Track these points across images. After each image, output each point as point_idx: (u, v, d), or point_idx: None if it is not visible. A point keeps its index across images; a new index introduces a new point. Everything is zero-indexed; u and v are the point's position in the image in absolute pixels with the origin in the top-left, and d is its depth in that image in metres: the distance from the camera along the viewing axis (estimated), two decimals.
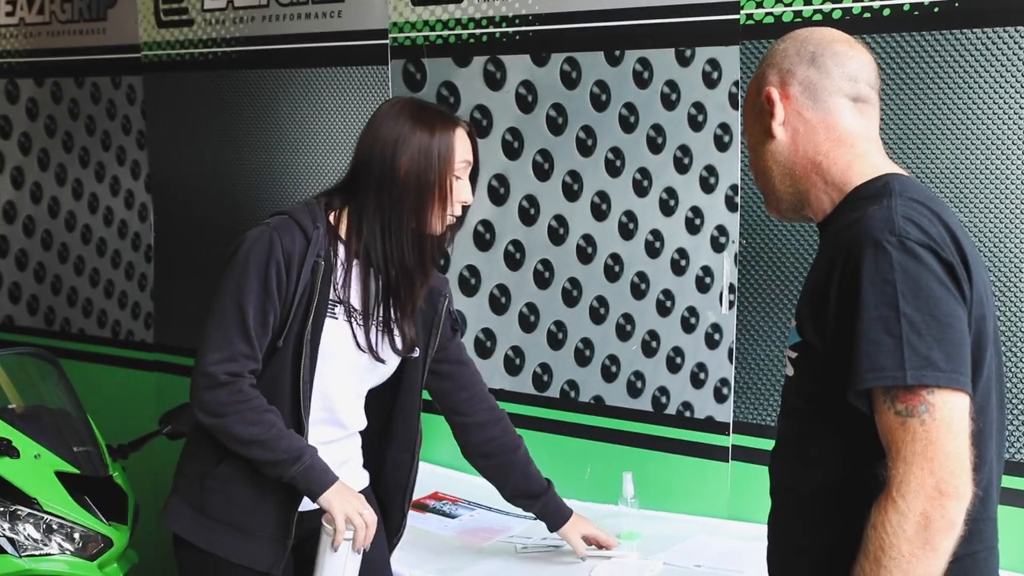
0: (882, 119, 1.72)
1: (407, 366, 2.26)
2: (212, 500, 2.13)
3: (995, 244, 2.33)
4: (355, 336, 2.15)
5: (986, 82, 2.32)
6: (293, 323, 2.08)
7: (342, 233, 2.13)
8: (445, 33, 3.02)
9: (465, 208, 2.16)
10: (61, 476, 2.56)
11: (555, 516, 2.42)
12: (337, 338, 2.13)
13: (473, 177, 2.17)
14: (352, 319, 2.14)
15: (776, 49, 1.67)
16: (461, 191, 2.13)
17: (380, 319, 2.17)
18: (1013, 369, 2.33)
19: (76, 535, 2.51)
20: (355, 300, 2.15)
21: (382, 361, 2.19)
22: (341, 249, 2.13)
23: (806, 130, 1.62)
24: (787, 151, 1.64)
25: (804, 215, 1.68)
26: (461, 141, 2.12)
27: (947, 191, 2.35)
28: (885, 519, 1.41)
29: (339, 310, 2.13)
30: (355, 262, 2.14)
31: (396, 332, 2.19)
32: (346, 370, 2.17)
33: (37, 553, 2.46)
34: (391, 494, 2.33)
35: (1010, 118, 2.31)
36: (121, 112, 3.71)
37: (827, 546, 1.55)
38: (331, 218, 2.14)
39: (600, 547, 2.43)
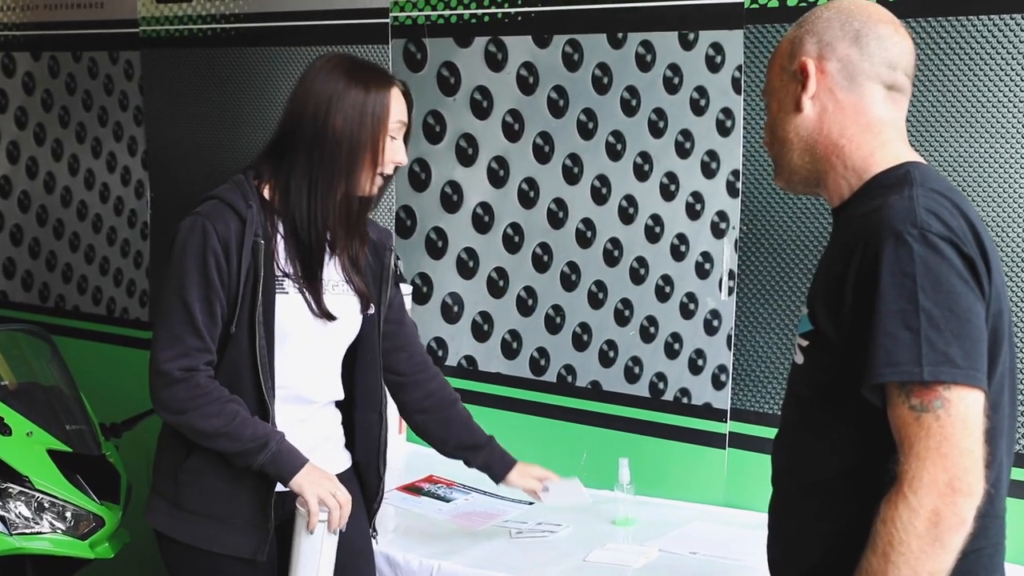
0: None
1: (363, 325, 2.23)
2: (186, 493, 2.12)
3: (1005, 236, 2.31)
4: (309, 304, 2.11)
5: (993, 71, 2.30)
6: (243, 307, 2.05)
7: (276, 203, 2.10)
8: (447, 13, 2.99)
9: (396, 169, 2.12)
10: (53, 454, 2.54)
11: (499, 465, 2.36)
12: (292, 312, 2.10)
13: (406, 138, 2.13)
14: (302, 289, 2.11)
15: (818, 16, 1.61)
16: (395, 151, 2.09)
17: (323, 280, 2.13)
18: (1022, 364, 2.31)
19: (68, 514, 2.50)
20: (297, 267, 2.11)
21: (335, 318, 2.14)
22: (278, 221, 2.09)
23: (835, 110, 1.58)
24: (812, 127, 1.60)
25: (814, 191, 1.65)
26: (396, 101, 2.09)
27: (964, 181, 2.33)
28: (895, 514, 1.39)
29: (287, 283, 2.10)
30: (285, 226, 2.10)
31: (351, 291, 2.16)
32: (306, 343, 2.14)
33: (28, 531, 2.44)
34: (365, 459, 2.29)
35: (1019, 107, 2.28)
36: (118, 88, 3.68)
37: (831, 536, 1.53)
38: (264, 192, 2.10)
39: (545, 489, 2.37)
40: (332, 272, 2.17)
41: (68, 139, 3.83)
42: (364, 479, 2.30)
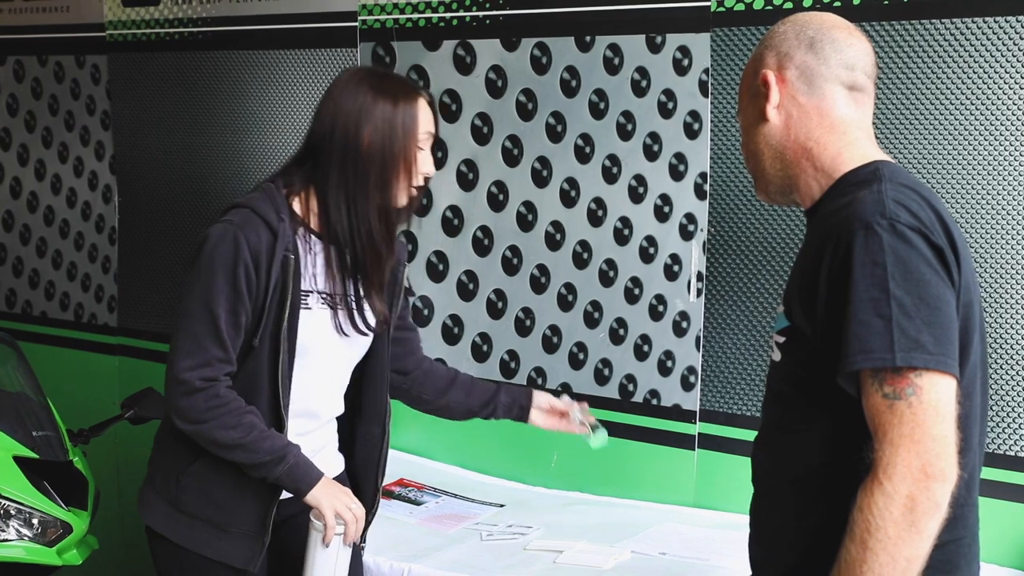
0: None
1: (374, 338, 2.23)
2: (187, 497, 2.10)
3: (979, 233, 2.33)
4: (332, 322, 2.11)
5: (965, 72, 2.33)
6: (267, 321, 2.03)
7: (309, 218, 2.09)
8: (415, 16, 2.99)
9: (427, 180, 2.13)
10: (19, 461, 2.51)
11: (522, 396, 2.34)
12: (315, 328, 2.10)
13: (433, 148, 2.14)
14: (328, 304, 2.11)
15: (776, 31, 1.67)
16: (424, 162, 2.09)
17: (351, 298, 2.14)
18: (995, 361, 2.33)
19: (35, 521, 2.47)
20: (324, 284, 2.11)
21: (362, 334, 2.16)
22: (307, 235, 2.09)
23: (799, 115, 1.62)
24: (779, 135, 1.64)
25: (792, 199, 1.68)
26: (424, 111, 2.08)
27: (931, 180, 2.35)
28: (871, 501, 1.41)
29: (312, 299, 2.09)
30: (319, 244, 2.10)
31: (367, 308, 2.16)
32: (325, 360, 2.14)
33: None
34: (364, 470, 2.29)
35: (993, 108, 2.31)
36: (85, 92, 3.66)
37: (813, 531, 1.55)
38: (294, 204, 2.09)
39: (561, 413, 2.35)
40: (355, 288, 2.16)
41: (34, 144, 3.80)
42: (360, 489, 2.29)
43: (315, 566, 2.06)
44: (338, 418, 2.27)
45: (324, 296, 2.11)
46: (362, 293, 2.14)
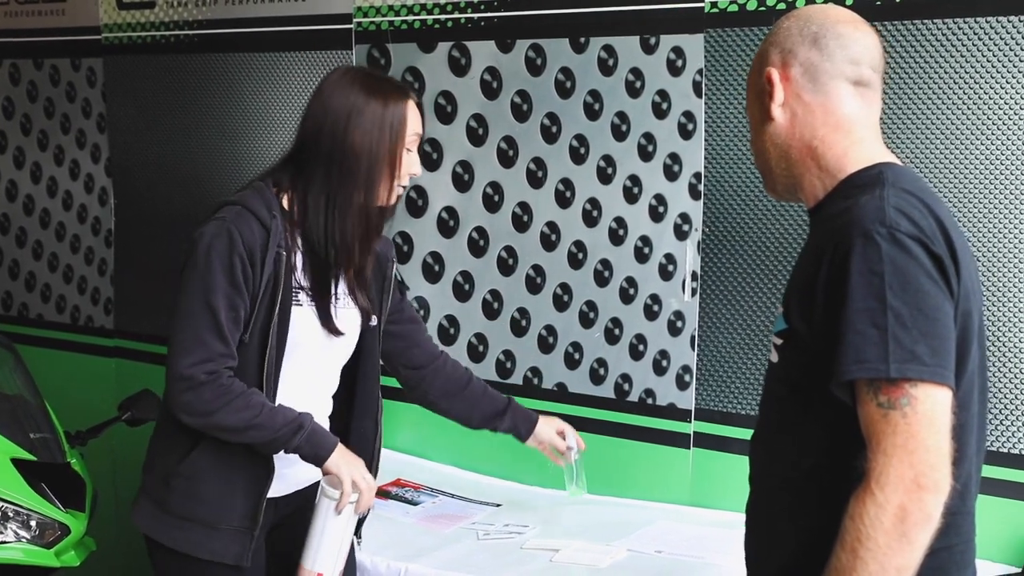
0: None
1: (365, 334, 2.24)
2: (175, 497, 2.10)
3: (983, 236, 2.35)
4: (320, 318, 2.12)
5: (957, 72, 2.34)
6: (257, 317, 2.04)
7: (295, 216, 2.10)
8: (410, 18, 3.00)
9: (410, 180, 2.14)
10: (17, 463, 2.52)
11: (526, 422, 2.40)
12: (304, 325, 2.11)
13: (420, 148, 2.16)
14: (315, 302, 2.12)
15: (780, 27, 1.64)
16: (411, 163, 2.11)
17: (334, 295, 2.14)
18: (996, 363, 2.34)
19: (32, 522, 2.48)
20: (311, 281, 2.12)
21: (343, 334, 2.16)
22: (296, 234, 2.10)
23: (804, 113, 1.60)
24: (784, 133, 1.62)
25: (798, 197, 1.66)
26: (413, 113, 2.10)
27: (937, 182, 2.36)
28: (863, 510, 1.41)
29: (302, 296, 2.11)
30: (303, 242, 2.11)
31: (353, 305, 2.17)
32: (313, 358, 2.15)
33: None
34: None
35: (985, 108, 2.32)
36: (81, 95, 3.67)
37: (806, 534, 1.55)
38: (284, 202, 2.10)
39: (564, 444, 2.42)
40: (339, 286, 2.17)
41: (30, 147, 3.81)
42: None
43: (324, 534, 2.05)
44: (331, 415, 2.27)
45: (313, 293, 2.12)
46: (342, 292, 2.15)
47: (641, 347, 2.78)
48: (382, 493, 2.79)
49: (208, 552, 2.09)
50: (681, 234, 2.70)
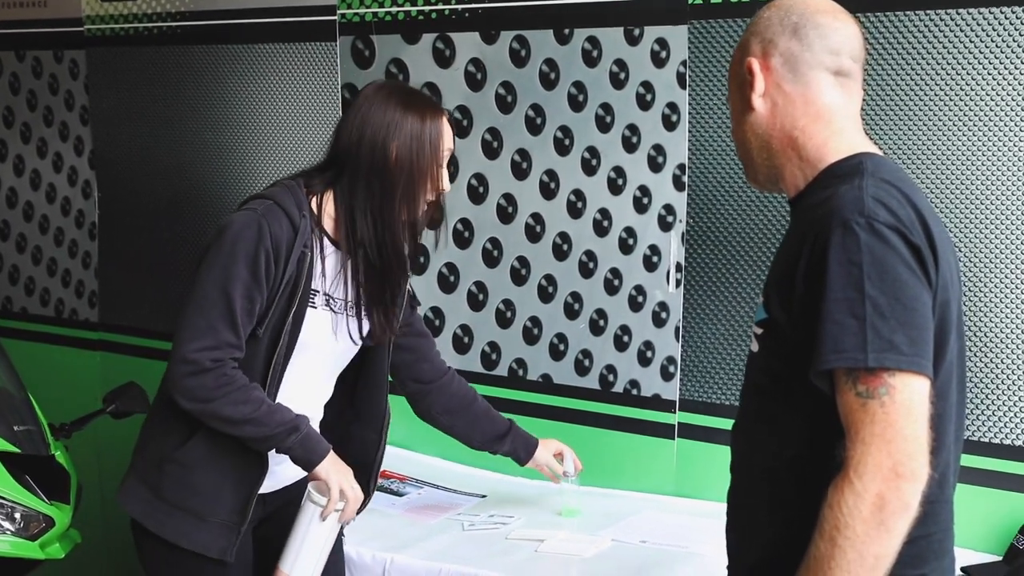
0: None
1: (375, 346, 2.25)
2: (168, 484, 2.10)
3: (963, 227, 2.36)
4: (331, 325, 2.13)
5: (940, 64, 2.35)
6: (274, 313, 2.05)
7: (324, 219, 2.11)
8: (394, 10, 3.00)
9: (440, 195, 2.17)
10: (1, 456, 2.52)
11: (525, 447, 2.51)
12: (317, 328, 2.11)
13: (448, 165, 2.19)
14: (331, 307, 2.13)
15: (760, 17, 1.65)
16: (444, 179, 2.14)
17: (362, 306, 2.16)
18: (972, 350, 2.36)
19: (17, 515, 2.48)
20: (333, 288, 2.13)
21: (355, 343, 2.18)
22: (322, 237, 2.10)
23: (785, 103, 1.61)
24: (765, 124, 1.62)
25: (779, 187, 1.67)
26: (447, 129, 2.14)
27: (918, 173, 2.37)
28: (841, 499, 1.41)
29: (318, 299, 2.11)
30: (333, 249, 2.12)
31: (385, 317, 2.19)
32: (316, 361, 2.16)
33: None
34: (356, 473, 2.30)
35: (968, 100, 2.33)
36: (64, 87, 3.65)
37: (785, 523, 1.56)
38: (312, 204, 2.10)
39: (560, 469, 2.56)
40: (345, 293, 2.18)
41: (12, 139, 3.79)
42: None
43: (306, 541, 2.06)
44: (336, 420, 2.28)
45: (329, 299, 2.13)
46: (367, 303, 2.16)
47: (626, 338, 2.79)
48: None
49: (194, 543, 2.09)
50: (665, 225, 2.71)
